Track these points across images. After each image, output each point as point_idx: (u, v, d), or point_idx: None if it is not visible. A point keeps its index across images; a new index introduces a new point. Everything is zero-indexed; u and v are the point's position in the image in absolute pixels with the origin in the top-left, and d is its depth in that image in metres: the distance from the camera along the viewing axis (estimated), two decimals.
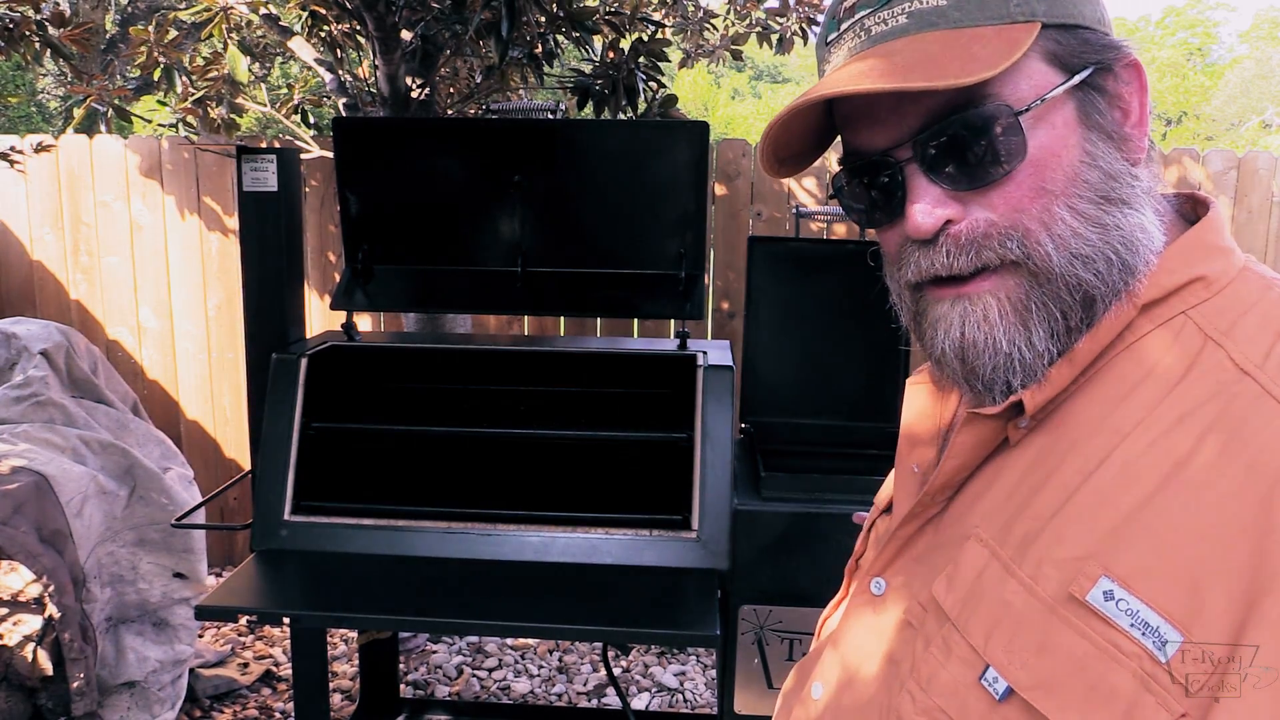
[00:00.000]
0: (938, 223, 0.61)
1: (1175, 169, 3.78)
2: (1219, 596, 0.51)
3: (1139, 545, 0.54)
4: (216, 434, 4.00)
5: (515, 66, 3.16)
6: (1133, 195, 0.61)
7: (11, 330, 2.84)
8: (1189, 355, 0.59)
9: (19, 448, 2.45)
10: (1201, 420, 0.56)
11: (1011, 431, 0.64)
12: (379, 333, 3.72)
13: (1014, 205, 0.60)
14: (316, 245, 3.90)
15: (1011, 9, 0.59)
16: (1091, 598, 0.54)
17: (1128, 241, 0.60)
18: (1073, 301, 0.60)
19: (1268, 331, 0.58)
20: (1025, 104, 0.59)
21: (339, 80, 3.08)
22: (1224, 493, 0.53)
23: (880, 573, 0.70)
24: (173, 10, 3.16)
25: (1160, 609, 0.52)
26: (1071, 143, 0.60)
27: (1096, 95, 0.62)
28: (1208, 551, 0.52)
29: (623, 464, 1.98)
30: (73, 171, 3.87)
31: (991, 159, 0.59)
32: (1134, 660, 0.52)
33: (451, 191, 2.21)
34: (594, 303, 2.29)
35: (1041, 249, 0.60)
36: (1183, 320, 0.61)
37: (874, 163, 0.64)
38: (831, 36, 0.66)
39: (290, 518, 1.88)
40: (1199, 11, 39.48)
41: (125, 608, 2.64)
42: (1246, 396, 0.55)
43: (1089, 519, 0.56)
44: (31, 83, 11.88)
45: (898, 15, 0.61)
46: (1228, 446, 0.54)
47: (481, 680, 3.20)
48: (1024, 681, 0.55)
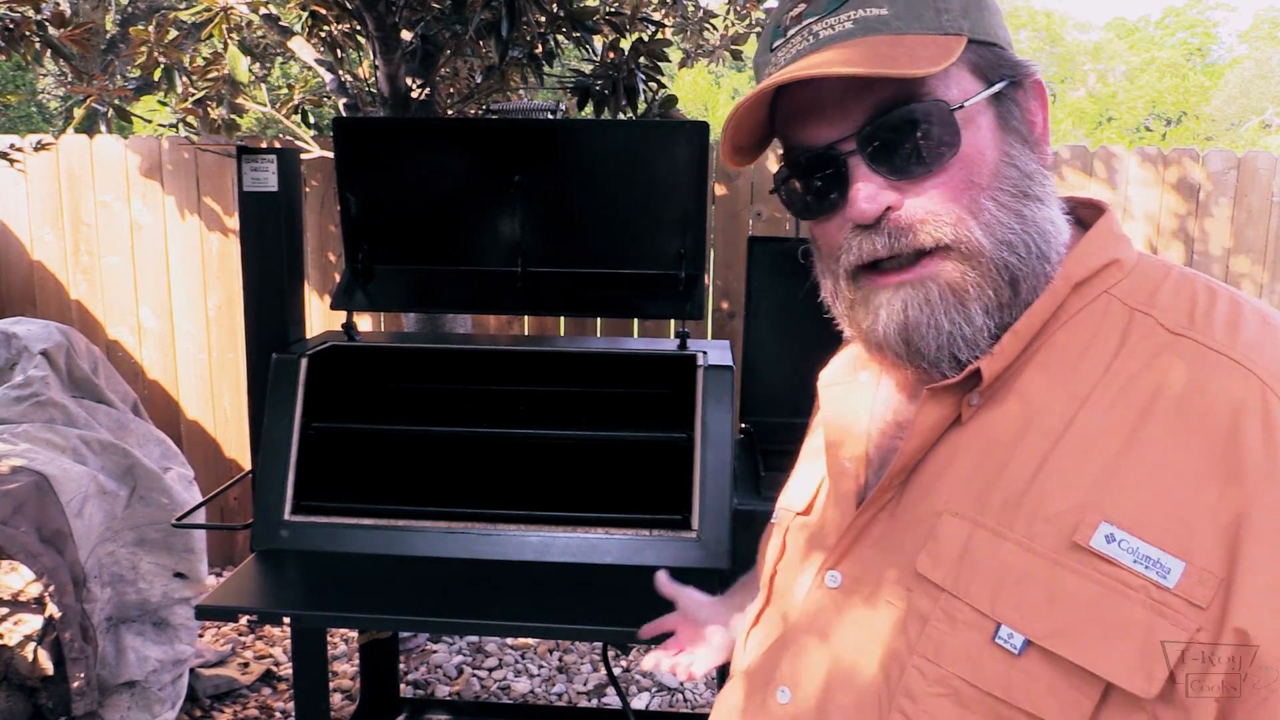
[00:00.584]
0: (880, 208, 0.67)
1: (1175, 169, 3.78)
2: (1207, 528, 0.57)
3: (1127, 492, 0.60)
4: (216, 434, 4.00)
5: (515, 66, 3.16)
6: (1044, 193, 0.70)
7: (11, 330, 2.84)
8: (1120, 326, 0.67)
9: (19, 448, 2.45)
10: (1152, 378, 0.63)
11: (964, 410, 0.69)
12: (379, 333, 3.72)
13: (946, 195, 0.67)
14: (316, 245, 3.90)
15: (943, 23, 0.66)
16: (1095, 543, 0.59)
17: (1042, 232, 0.69)
18: (1001, 282, 0.67)
19: (1182, 300, 0.67)
20: (958, 103, 0.67)
21: (339, 80, 3.08)
22: (1189, 436, 0.60)
23: (835, 565, 0.73)
24: (173, 10, 3.16)
25: (1158, 544, 0.58)
26: (993, 143, 0.68)
27: (1011, 105, 0.70)
28: (1188, 490, 0.58)
29: (623, 464, 1.98)
30: (73, 171, 3.87)
31: (929, 151, 0.66)
32: (1141, 592, 0.58)
33: (451, 191, 2.21)
34: (594, 303, 2.29)
35: (972, 235, 0.66)
36: (1107, 298, 0.69)
37: (820, 155, 0.70)
38: (777, 43, 0.71)
39: (290, 518, 1.88)
40: (1199, 11, 39.48)
41: (125, 607, 2.64)
42: (1187, 353, 0.63)
43: (1071, 476, 0.62)
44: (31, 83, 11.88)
45: (844, 21, 0.67)
46: (1182, 397, 0.61)
47: (481, 680, 3.20)
48: (1040, 631, 0.60)
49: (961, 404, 0.69)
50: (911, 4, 0.67)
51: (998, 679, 0.61)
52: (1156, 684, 0.57)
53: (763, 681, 0.78)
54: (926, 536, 0.67)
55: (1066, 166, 3.80)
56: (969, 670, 0.62)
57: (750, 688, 0.79)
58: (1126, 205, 3.79)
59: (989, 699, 0.61)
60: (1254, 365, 0.61)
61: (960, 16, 0.67)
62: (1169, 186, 3.79)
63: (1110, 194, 3.80)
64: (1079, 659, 0.58)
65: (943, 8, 0.67)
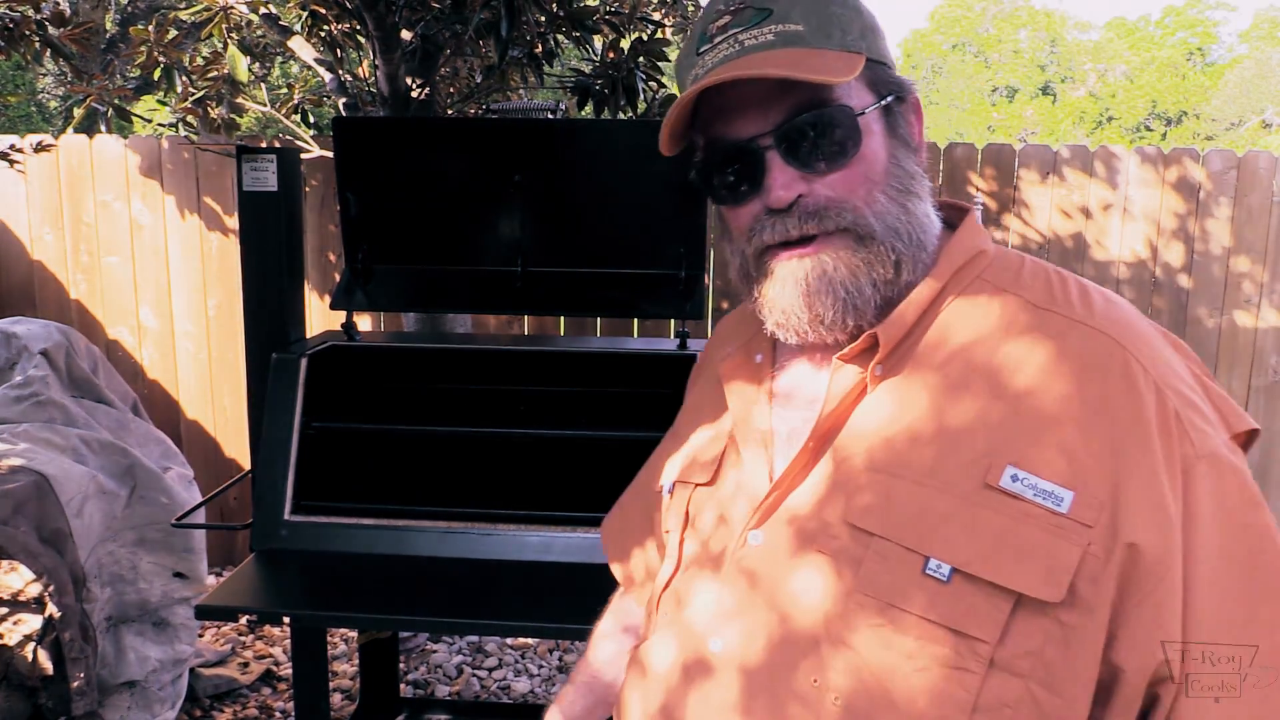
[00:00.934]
0: (794, 196, 0.78)
1: (1175, 169, 3.78)
2: (1090, 462, 0.70)
3: (1024, 439, 0.72)
4: (216, 434, 4.00)
5: (515, 66, 3.16)
6: (922, 191, 0.82)
7: (11, 330, 2.84)
8: (995, 303, 0.80)
9: (19, 447, 2.45)
10: (1029, 345, 0.76)
11: (870, 379, 0.79)
12: (379, 333, 3.72)
13: (848, 187, 0.79)
14: (316, 245, 3.90)
15: (848, 42, 0.78)
16: (1003, 483, 0.71)
17: (920, 224, 0.81)
18: (887, 262, 0.79)
19: (1039, 282, 0.81)
20: (860, 110, 0.79)
21: (339, 80, 3.08)
22: (1068, 391, 0.73)
23: (757, 526, 0.81)
24: (173, 10, 3.16)
25: (1052, 479, 0.70)
26: (884, 147, 0.81)
27: (898, 116, 0.83)
28: (1071, 434, 0.71)
29: (623, 464, 1.98)
30: (73, 171, 3.87)
31: (835, 149, 0.78)
32: (1040, 519, 0.70)
33: (451, 191, 2.21)
34: (594, 303, 2.29)
35: (866, 220, 0.78)
36: (980, 281, 0.82)
37: (741, 148, 0.80)
38: (703, 49, 0.80)
39: (290, 518, 1.88)
40: (1199, 11, 39.47)
41: (125, 607, 2.64)
42: (1055, 324, 0.77)
43: (977, 430, 0.74)
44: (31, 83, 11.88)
45: (766, 34, 0.77)
46: (1058, 359, 0.74)
47: (481, 680, 3.21)
48: (963, 558, 0.70)
49: (868, 374, 0.79)
50: (822, 24, 0.78)
51: (929, 604, 0.71)
52: (1061, 591, 0.68)
53: (692, 636, 0.84)
54: (853, 492, 0.76)
55: (1067, 166, 3.80)
56: (903, 599, 0.71)
57: (680, 644, 0.85)
58: (1127, 205, 3.79)
59: (922, 621, 0.71)
60: (1109, 330, 0.76)
61: (859, 38, 0.79)
62: (1169, 186, 3.79)
63: (1111, 194, 3.80)
64: (998, 579, 0.69)
65: (847, 29, 0.79)
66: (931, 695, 0.70)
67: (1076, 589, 0.69)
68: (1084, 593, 0.69)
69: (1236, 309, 3.83)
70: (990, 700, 0.69)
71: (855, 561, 0.74)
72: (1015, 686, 0.69)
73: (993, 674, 0.69)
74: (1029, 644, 0.69)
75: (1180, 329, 3.83)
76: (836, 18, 0.79)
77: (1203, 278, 3.82)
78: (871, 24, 0.81)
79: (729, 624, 0.81)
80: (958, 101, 35.31)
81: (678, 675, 0.84)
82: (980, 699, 0.69)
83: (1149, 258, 3.81)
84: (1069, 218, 3.81)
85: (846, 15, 0.79)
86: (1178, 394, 0.73)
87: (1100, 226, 3.80)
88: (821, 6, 0.79)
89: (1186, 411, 0.73)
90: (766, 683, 0.77)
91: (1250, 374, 3.86)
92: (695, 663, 0.83)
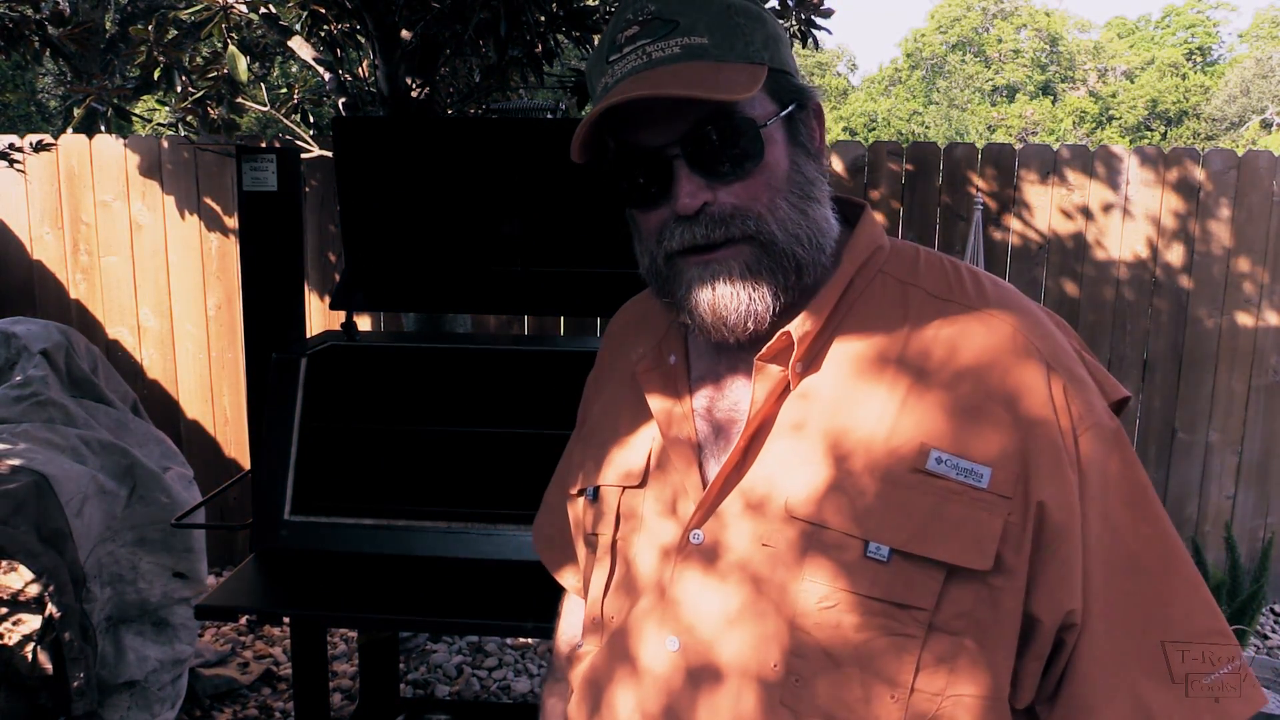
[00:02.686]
0: (699, 204, 0.81)
1: (1176, 169, 3.78)
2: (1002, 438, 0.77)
3: (943, 424, 0.77)
4: (216, 434, 4.00)
5: (515, 66, 3.16)
6: (822, 196, 0.86)
7: (11, 330, 2.84)
8: (898, 296, 0.85)
9: (19, 447, 2.45)
10: (935, 334, 0.81)
11: (792, 378, 0.83)
12: (379, 333, 3.72)
13: (751, 195, 0.82)
14: (316, 245, 3.90)
15: (750, 53, 0.81)
16: (930, 466, 0.76)
17: (820, 228, 0.85)
18: (790, 267, 0.82)
19: (935, 272, 0.86)
20: (762, 121, 0.82)
21: (339, 80, 3.08)
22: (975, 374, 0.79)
23: (698, 525, 0.84)
24: (173, 10, 3.16)
25: (970, 457, 0.76)
26: (786, 155, 0.84)
27: (799, 123, 0.85)
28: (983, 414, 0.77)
29: None
30: (72, 171, 3.87)
31: (739, 159, 0.81)
32: (964, 495, 0.76)
33: (451, 191, 2.21)
34: (594, 303, 2.29)
35: (769, 227, 0.82)
36: (882, 275, 0.86)
37: (649, 156, 0.82)
38: (613, 56, 0.84)
39: (290, 517, 1.88)
40: (1199, 11, 39.48)
41: (125, 607, 2.64)
42: (956, 313, 0.82)
43: (899, 418, 0.78)
44: (31, 82, 11.88)
45: (673, 46, 0.80)
46: (963, 345, 0.80)
47: (481, 680, 3.21)
48: (899, 540, 0.76)
49: (789, 372, 0.83)
50: (726, 36, 0.81)
51: (872, 583, 0.76)
52: (990, 559, 0.75)
53: (644, 637, 0.86)
54: (790, 485, 0.80)
55: (1067, 167, 3.80)
56: (848, 582, 0.77)
57: (634, 645, 0.87)
58: (1127, 205, 3.79)
59: (865, 600, 0.76)
60: (1002, 314, 0.82)
61: (761, 49, 0.82)
62: (1169, 186, 3.79)
63: (1111, 194, 3.80)
64: (933, 554, 0.75)
65: (749, 40, 0.82)
66: (880, 661, 0.77)
67: (1002, 556, 0.76)
68: (1008, 558, 0.76)
69: (1237, 309, 3.83)
70: (930, 659, 0.77)
71: (799, 550, 0.79)
72: (951, 643, 0.76)
73: (931, 635, 0.76)
74: (961, 606, 0.76)
75: (1180, 329, 3.83)
76: (740, 29, 0.82)
77: (1203, 278, 3.81)
78: (775, 33, 0.84)
79: (683, 621, 0.83)
80: (958, 101, 35.30)
81: (630, 679, 0.86)
82: (922, 658, 0.77)
83: (1149, 258, 3.81)
84: (1069, 218, 3.81)
85: (750, 26, 0.82)
86: (1066, 369, 0.80)
87: (1101, 227, 3.80)
88: (725, 19, 0.82)
89: (1074, 385, 0.80)
90: (725, 673, 0.81)
91: (1250, 374, 3.86)
92: (650, 664, 0.85)
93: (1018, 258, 3.84)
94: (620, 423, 0.96)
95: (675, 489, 0.87)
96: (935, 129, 32.18)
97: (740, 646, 0.80)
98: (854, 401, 0.80)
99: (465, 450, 2.07)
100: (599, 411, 1.03)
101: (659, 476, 0.90)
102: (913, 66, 39.51)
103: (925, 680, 0.76)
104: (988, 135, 31.48)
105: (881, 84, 40.51)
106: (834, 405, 0.81)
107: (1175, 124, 32.94)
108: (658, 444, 0.90)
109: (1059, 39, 38.24)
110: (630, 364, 0.96)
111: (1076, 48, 38.70)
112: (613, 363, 1.04)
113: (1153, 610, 0.79)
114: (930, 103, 35.92)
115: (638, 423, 0.93)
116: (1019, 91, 36.40)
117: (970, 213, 3.72)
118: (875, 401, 0.80)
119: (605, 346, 1.08)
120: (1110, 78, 36.42)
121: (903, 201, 3.85)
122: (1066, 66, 37.51)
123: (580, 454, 1.03)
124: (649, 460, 0.91)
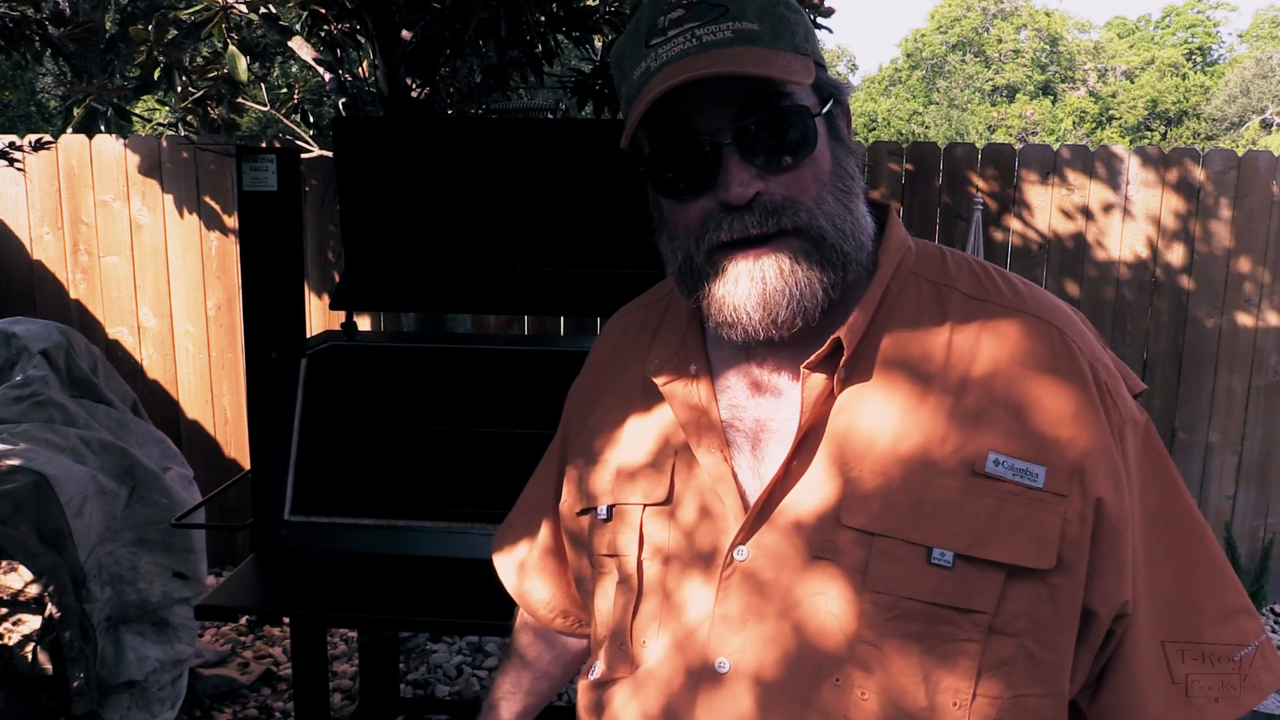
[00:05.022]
0: (751, 192, 0.78)
1: (1176, 169, 3.78)
2: (1054, 436, 0.76)
3: (997, 426, 0.77)
4: (216, 434, 4.00)
5: (515, 66, 3.16)
6: (859, 192, 0.84)
7: (11, 330, 2.84)
8: (934, 298, 0.83)
9: (19, 448, 2.45)
10: (978, 337, 0.81)
11: (836, 384, 0.80)
12: (379, 333, 3.72)
13: (801, 187, 0.79)
14: (316, 245, 3.90)
15: (797, 44, 0.80)
16: (988, 469, 0.76)
17: (859, 225, 0.83)
18: (838, 262, 0.80)
19: (965, 273, 0.85)
20: (816, 111, 0.80)
21: (339, 80, 3.08)
22: (1023, 375, 0.78)
23: (743, 541, 0.81)
24: (173, 10, 3.16)
25: (1025, 458, 0.76)
26: (830, 148, 0.82)
27: (837, 118, 0.84)
28: (1034, 414, 0.77)
29: None
30: (72, 171, 3.87)
31: (793, 148, 0.78)
32: (1021, 496, 0.75)
33: (451, 191, 2.21)
34: (594, 303, 2.29)
35: (818, 221, 0.79)
36: (915, 277, 0.85)
37: (696, 143, 0.79)
38: (655, 40, 0.80)
39: (290, 518, 1.88)
40: (1199, 11, 39.48)
41: (125, 607, 2.64)
42: (995, 315, 0.82)
43: (951, 422, 0.77)
44: (31, 82, 11.88)
45: (724, 30, 0.78)
46: (1008, 345, 0.80)
47: (481, 680, 3.20)
48: (962, 544, 0.75)
49: (834, 379, 0.80)
50: (775, 24, 0.79)
51: (935, 590, 0.75)
52: (1052, 558, 0.75)
53: (690, 661, 0.82)
54: (845, 495, 0.78)
55: (1067, 167, 3.80)
56: (914, 590, 0.75)
57: (678, 670, 0.83)
58: (1127, 205, 3.79)
59: (930, 608, 0.75)
60: (1041, 314, 0.82)
61: (804, 40, 0.81)
62: (1169, 187, 3.79)
63: (1111, 194, 3.80)
64: (997, 556, 0.75)
65: (796, 32, 0.80)
66: (943, 669, 0.76)
67: (1062, 555, 0.75)
68: (1067, 556, 0.76)
69: (1237, 309, 3.83)
70: (991, 661, 0.76)
71: (860, 562, 0.77)
72: (1011, 645, 0.76)
73: (992, 639, 0.75)
74: (1021, 606, 0.76)
75: (1180, 329, 3.83)
76: (786, 19, 0.80)
77: (1203, 278, 3.81)
78: (810, 27, 0.83)
79: (733, 640, 0.80)
80: (958, 101, 35.30)
81: (681, 705, 0.82)
82: (983, 663, 0.76)
83: (1149, 258, 3.81)
84: (1070, 218, 3.81)
85: (793, 17, 0.81)
86: (1103, 366, 0.81)
87: (1101, 227, 3.80)
88: (772, 7, 0.80)
89: (1111, 381, 0.81)
90: (783, 695, 0.78)
91: (1250, 374, 3.86)
92: (699, 686, 0.81)
93: (1018, 258, 3.84)
94: (631, 437, 0.91)
95: (709, 504, 0.84)
96: (935, 129, 32.17)
97: (797, 663, 0.78)
98: (903, 406, 0.79)
99: (465, 450, 2.07)
100: (598, 425, 0.96)
101: (687, 492, 0.85)
102: (913, 66, 39.51)
103: (987, 685, 0.76)
104: (988, 135, 31.48)
105: (881, 84, 40.49)
106: (882, 411, 0.79)
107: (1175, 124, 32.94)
108: (682, 458, 0.86)
109: (1059, 39, 38.23)
110: (637, 374, 0.92)
111: (1076, 48, 38.68)
112: (610, 373, 0.98)
113: (1187, 593, 0.81)
114: (930, 103, 35.91)
115: (653, 436, 0.89)
116: (1019, 91, 36.39)
117: (970, 213, 3.71)
118: (925, 406, 0.78)
119: (597, 355, 1.03)
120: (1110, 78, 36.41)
121: (903, 202, 3.85)
122: (1066, 66, 37.50)
123: (579, 470, 0.96)
124: (672, 475, 0.87)
